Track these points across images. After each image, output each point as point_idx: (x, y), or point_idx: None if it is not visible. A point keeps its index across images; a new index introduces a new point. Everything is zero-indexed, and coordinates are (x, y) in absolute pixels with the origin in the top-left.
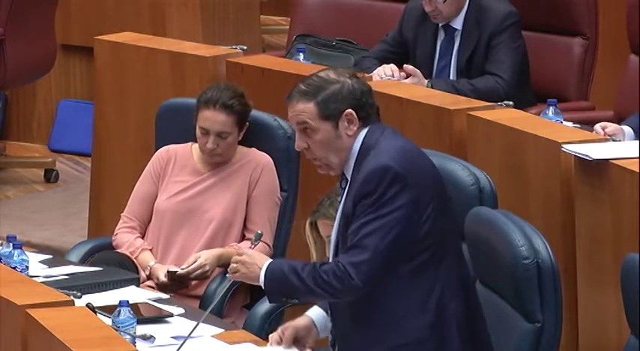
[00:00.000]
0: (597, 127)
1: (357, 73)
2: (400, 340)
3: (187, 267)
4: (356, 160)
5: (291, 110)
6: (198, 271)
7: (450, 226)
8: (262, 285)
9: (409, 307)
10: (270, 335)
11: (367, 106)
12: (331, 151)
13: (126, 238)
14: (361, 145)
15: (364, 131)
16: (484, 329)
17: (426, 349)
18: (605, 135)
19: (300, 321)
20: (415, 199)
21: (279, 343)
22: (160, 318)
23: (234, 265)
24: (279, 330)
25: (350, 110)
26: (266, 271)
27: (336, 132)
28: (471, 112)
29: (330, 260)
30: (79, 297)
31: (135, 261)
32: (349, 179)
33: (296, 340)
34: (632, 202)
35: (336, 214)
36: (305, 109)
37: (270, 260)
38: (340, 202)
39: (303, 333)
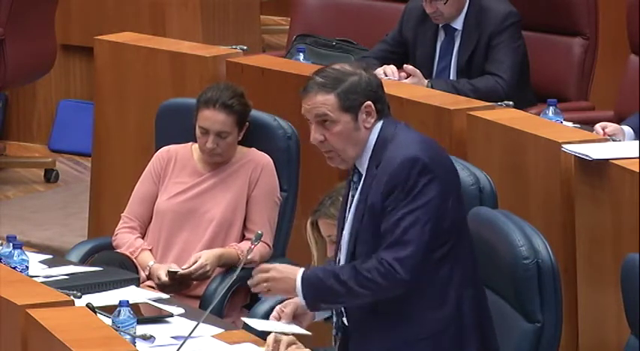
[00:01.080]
0: (597, 127)
1: (368, 68)
2: (421, 333)
3: (188, 267)
4: (372, 152)
5: (309, 103)
6: (200, 272)
7: (465, 220)
8: (300, 295)
9: (430, 300)
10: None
11: (382, 100)
12: (349, 143)
13: (126, 239)
14: (377, 137)
15: (379, 124)
16: (491, 323)
17: (445, 341)
18: (604, 135)
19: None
20: (442, 190)
21: (278, 319)
22: (160, 318)
23: (264, 284)
24: (279, 307)
25: (369, 102)
26: (302, 280)
27: (355, 124)
28: (471, 112)
29: (343, 254)
30: (79, 297)
31: (135, 261)
32: (363, 173)
33: (294, 317)
34: (632, 202)
35: (337, 213)
36: (325, 100)
37: (302, 269)
38: (354, 195)
39: (302, 311)
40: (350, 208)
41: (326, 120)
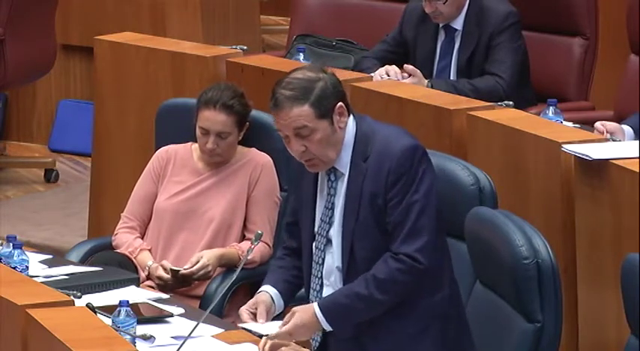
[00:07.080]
0: (597, 124)
1: (324, 67)
2: (430, 315)
3: (190, 267)
4: (354, 149)
5: (285, 118)
6: (202, 272)
7: (439, 207)
8: (329, 329)
9: (432, 283)
10: (240, 310)
11: (346, 96)
12: (329, 147)
13: (125, 239)
14: (356, 134)
15: (351, 121)
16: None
17: (451, 321)
18: (604, 131)
19: (263, 297)
20: (434, 176)
21: (253, 319)
22: (160, 318)
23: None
24: (246, 307)
25: (340, 103)
26: (324, 315)
27: (331, 128)
28: (471, 112)
29: (337, 255)
30: (79, 297)
31: (134, 261)
32: (345, 170)
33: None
34: (632, 202)
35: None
36: (301, 113)
37: (315, 305)
38: (333, 195)
39: (269, 309)
40: (333, 208)
41: (304, 131)
